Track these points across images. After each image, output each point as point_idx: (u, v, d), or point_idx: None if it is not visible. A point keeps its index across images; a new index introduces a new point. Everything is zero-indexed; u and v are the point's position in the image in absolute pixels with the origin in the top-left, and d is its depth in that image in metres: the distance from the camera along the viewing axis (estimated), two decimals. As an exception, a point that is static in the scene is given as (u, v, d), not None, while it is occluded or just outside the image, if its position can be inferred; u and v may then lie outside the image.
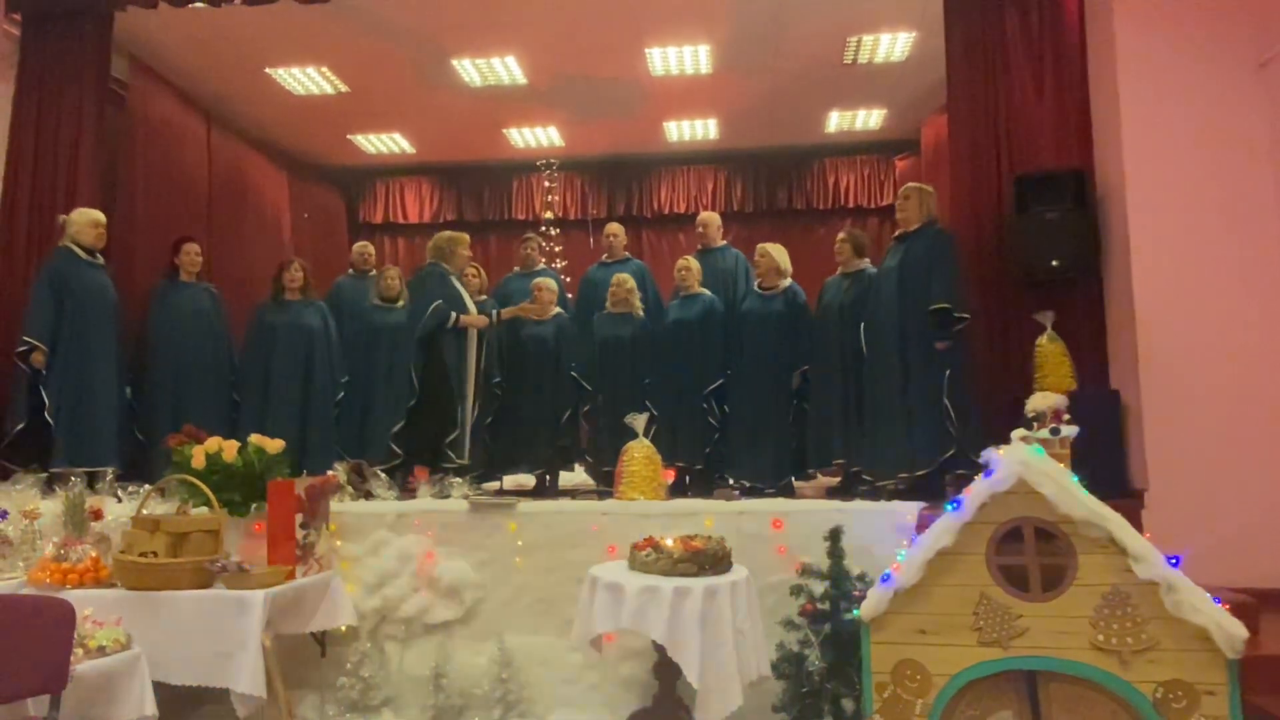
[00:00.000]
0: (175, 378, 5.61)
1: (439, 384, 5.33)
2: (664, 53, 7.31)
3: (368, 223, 10.62)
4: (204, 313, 5.81)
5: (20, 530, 4.05)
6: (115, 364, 5.32)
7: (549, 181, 10.18)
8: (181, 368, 5.62)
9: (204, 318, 5.80)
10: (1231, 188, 4.61)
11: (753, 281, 5.84)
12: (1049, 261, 4.87)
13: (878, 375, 4.94)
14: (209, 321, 5.83)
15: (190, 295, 5.79)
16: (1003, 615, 2.90)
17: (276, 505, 4.00)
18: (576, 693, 4.17)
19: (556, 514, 4.45)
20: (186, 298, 5.77)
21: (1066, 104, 5.22)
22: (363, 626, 4.26)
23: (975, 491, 2.98)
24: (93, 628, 3.15)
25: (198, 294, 5.84)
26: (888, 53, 7.33)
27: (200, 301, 5.82)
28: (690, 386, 5.60)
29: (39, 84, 5.97)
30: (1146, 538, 2.89)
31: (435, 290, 5.45)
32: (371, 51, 7.25)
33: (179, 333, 5.66)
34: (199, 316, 5.78)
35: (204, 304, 5.84)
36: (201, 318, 5.79)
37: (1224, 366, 4.48)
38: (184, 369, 5.63)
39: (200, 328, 5.75)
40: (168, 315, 5.70)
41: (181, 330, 5.68)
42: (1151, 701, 2.76)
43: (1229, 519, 4.23)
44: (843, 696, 3.63)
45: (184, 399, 5.56)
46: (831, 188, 9.98)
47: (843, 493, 5.09)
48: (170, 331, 5.66)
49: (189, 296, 5.78)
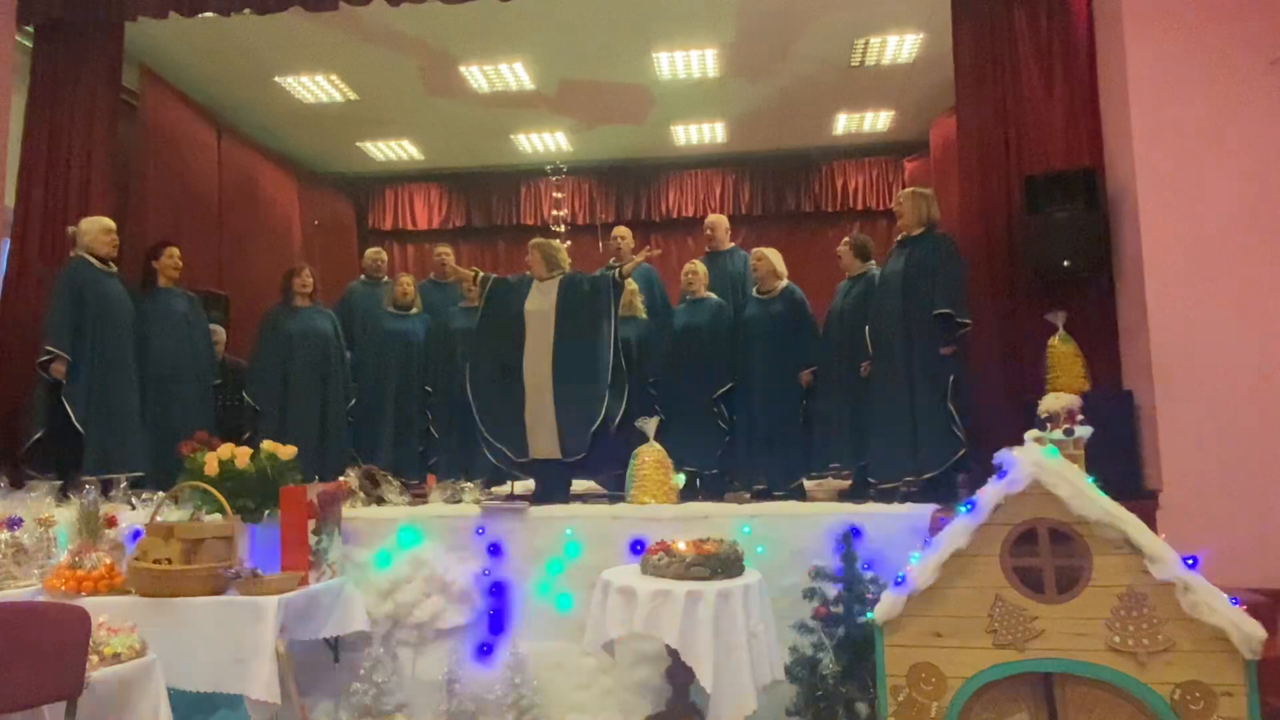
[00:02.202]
0: (158, 383, 5.45)
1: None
2: (671, 57, 7.33)
3: (377, 229, 10.67)
4: (183, 317, 5.66)
5: (35, 538, 4.06)
6: (135, 371, 5.32)
7: (557, 189, 10.20)
8: (164, 373, 5.48)
9: (183, 322, 5.64)
10: (1243, 185, 4.58)
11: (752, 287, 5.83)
12: (1060, 262, 4.85)
13: (883, 379, 4.93)
14: (188, 326, 5.67)
15: (168, 300, 5.63)
16: (1018, 617, 2.89)
17: (289, 511, 4.01)
18: (589, 697, 4.16)
19: (567, 519, 4.45)
20: (164, 303, 5.60)
21: (1076, 103, 5.19)
22: (375, 632, 4.26)
23: (989, 493, 2.96)
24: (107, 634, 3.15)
25: (176, 299, 5.69)
26: (895, 55, 7.33)
27: (179, 306, 5.67)
28: (699, 390, 5.60)
29: (51, 94, 6.01)
30: (1162, 539, 2.87)
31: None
32: (380, 59, 7.28)
33: (157, 338, 5.47)
34: (179, 321, 5.62)
35: (183, 308, 5.68)
36: (182, 322, 5.63)
37: (1238, 366, 4.45)
38: (166, 375, 5.49)
39: (181, 333, 5.59)
40: (146, 321, 5.47)
41: (160, 336, 5.49)
42: (1169, 703, 2.74)
43: (1244, 519, 4.19)
44: (857, 700, 3.63)
45: (167, 405, 5.44)
46: (840, 190, 9.98)
47: (855, 496, 5.08)
48: (150, 338, 5.46)
49: (167, 301, 5.62)
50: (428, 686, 4.21)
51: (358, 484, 4.78)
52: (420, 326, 6.41)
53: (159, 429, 5.28)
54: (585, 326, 4.92)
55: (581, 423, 4.79)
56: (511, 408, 4.93)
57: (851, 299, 5.39)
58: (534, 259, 5.21)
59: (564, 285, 5.05)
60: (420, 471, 6.01)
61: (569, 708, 4.15)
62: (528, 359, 4.96)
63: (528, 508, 4.49)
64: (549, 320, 4.97)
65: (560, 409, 4.84)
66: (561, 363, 4.88)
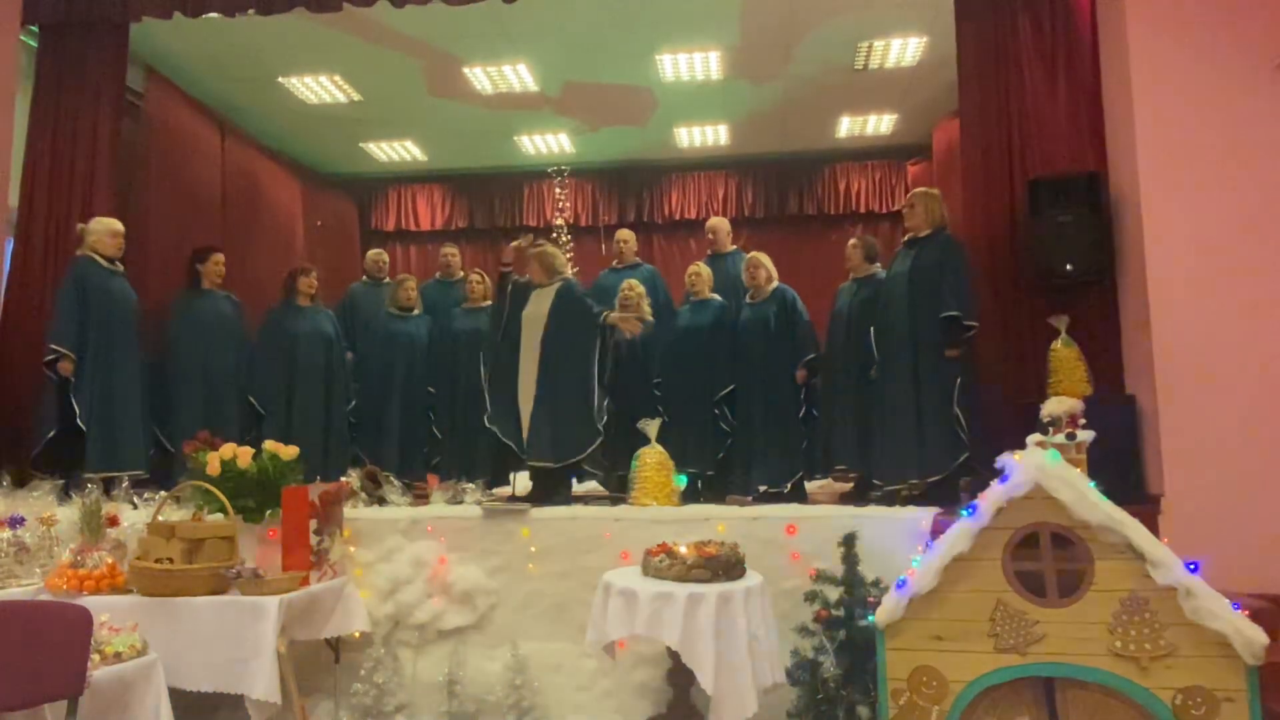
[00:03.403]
0: (202, 385, 5.66)
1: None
2: (675, 59, 7.33)
3: (380, 230, 10.67)
4: (227, 319, 5.90)
5: (37, 537, 4.07)
6: (139, 371, 5.38)
7: (560, 188, 10.20)
8: (207, 375, 5.69)
9: (227, 324, 5.89)
10: (1247, 189, 4.57)
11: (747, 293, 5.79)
12: (1063, 265, 4.84)
13: (888, 381, 4.92)
14: (231, 328, 5.92)
15: (213, 303, 5.87)
16: (1019, 621, 2.88)
17: (291, 511, 4.02)
18: (590, 699, 4.16)
19: (569, 520, 4.45)
20: (209, 306, 5.85)
21: (1080, 106, 5.19)
22: (376, 633, 4.26)
23: (991, 497, 2.96)
24: (109, 634, 3.17)
25: (220, 302, 5.92)
26: (899, 58, 7.33)
27: (223, 309, 5.91)
28: (701, 392, 5.60)
29: (55, 94, 6.01)
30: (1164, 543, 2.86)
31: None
32: (383, 60, 7.29)
33: (203, 341, 5.73)
34: (222, 323, 5.86)
35: (226, 311, 5.93)
36: (224, 324, 5.87)
37: (1241, 370, 4.44)
38: (208, 376, 5.69)
39: (223, 335, 5.83)
40: (192, 323, 5.76)
41: (205, 338, 5.74)
42: (1171, 708, 2.73)
43: (1247, 524, 4.18)
44: (858, 703, 3.62)
45: (210, 406, 5.62)
46: (843, 193, 9.96)
47: (856, 498, 5.07)
48: (194, 339, 5.72)
49: (212, 304, 5.86)
50: (428, 687, 4.22)
51: (359, 484, 4.78)
52: (422, 328, 6.42)
53: (199, 429, 5.22)
54: (571, 344, 4.96)
55: (558, 442, 4.83)
56: (515, 407, 4.99)
57: (858, 301, 5.38)
58: (533, 266, 5.25)
59: (560, 294, 5.08)
60: (422, 472, 6.02)
61: (569, 709, 4.15)
62: (522, 362, 5.03)
63: (529, 509, 4.49)
64: (540, 326, 5.02)
65: (541, 416, 4.89)
66: (546, 371, 4.94)
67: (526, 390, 4.96)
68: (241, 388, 5.86)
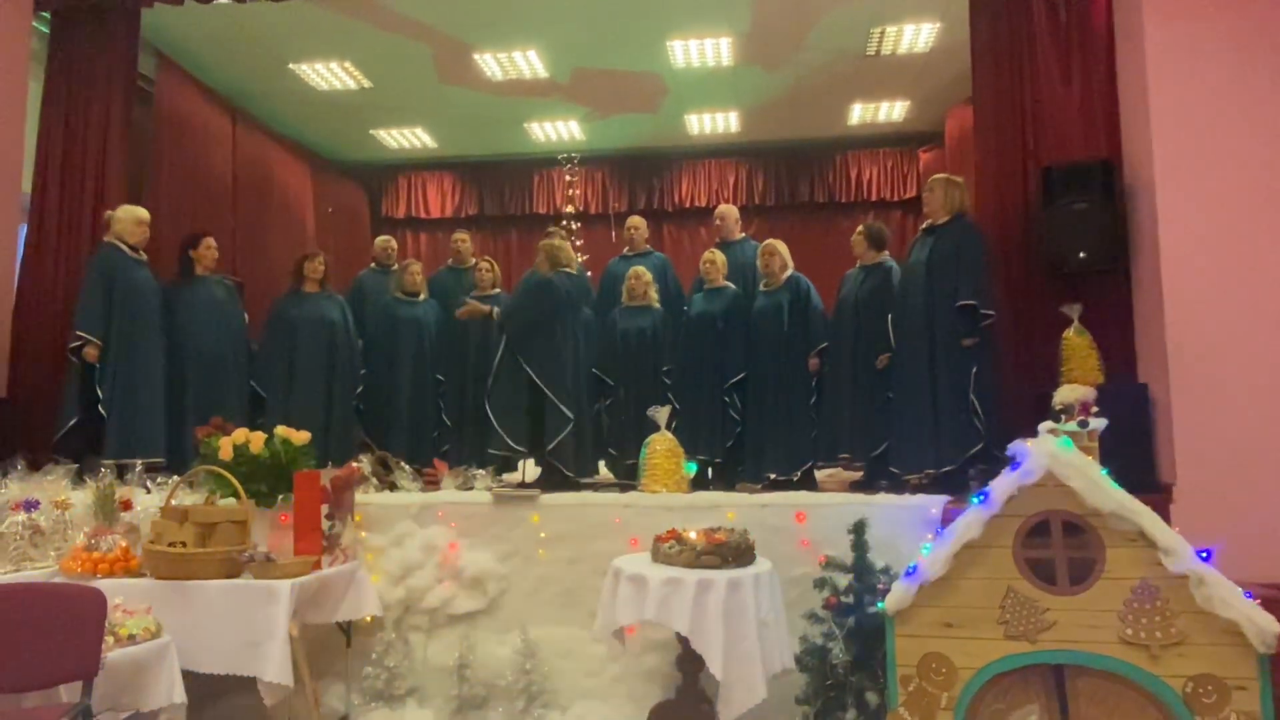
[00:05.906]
0: (197, 371, 5.55)
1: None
2: (686, 45, 7.30)
3: (390, 217, 10.69)
4: (221, 305, 5.74)
5: (52, 520, 4.10)
6: (161, 357, 5.36)
7: (570, 175, 10.19)
8: (202, 361, 5.56)
9: (221, 310, 5.73)
10: (1262, 177, 4.53)
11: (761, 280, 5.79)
12: (1076, 253, 4.82)
13: (904, 369, 4.90)
14: (226, 314, 5.76)
15: (206, 289, 5.71)
16: (1030, 609, 2.88)
17: (302, 496, 4.04)
18: (599, 684, 4.18)
19: (579, 506, 4.47)
20: (203, 291, 5.69)
21: (1094, 93, 5.14)
22: (387, 617, 4.29)
23: (1003, 484, 2.96)
24: (123, 616, 3.19)
25: (215, 287, 5.77)
26: (911, 44, 7.28)
27: (216, 294, 5.75)
28: (713, 379, 5.60)
29: (67, 81, 6.04)
30: (1175, 532, 2.86)
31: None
32: (394, 47, 7.29)
33: (197, 326, 5.57)
34: (216, 309, 5.70)
35: (220, 296, 5.77)
36: (219, 310, 5.71)
37: (1254, 359, 4.41)
38: (204, 362, 5.57)
39: (218, 320, 5.68)
40: (186, 310, 5.58)
41: (200, 324, 5.58)
42: (1181, 696, 2.73)
43: (1259, 513, 4.16)
44: (867, 689, 3.62)
45: (205, 392, 5.52)
46: (854, 180, 9.93)
47: (866, 486, 5.07)
48: (189, 326, 5.56)
49: (205, 290, 5.71)
50: (439, 671, 4.24)
51: (370, 470, 4.80)
52: (430, 313, 6.41)
53: (199, 416, 5.19)
54: (552, 329, 5.15)
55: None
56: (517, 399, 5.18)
57: (865, 289, 5.36)
58: (540, 258, 5.32)
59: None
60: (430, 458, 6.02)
61: (579, 694, 4.17)
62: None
63: (539, 495, 4.50)
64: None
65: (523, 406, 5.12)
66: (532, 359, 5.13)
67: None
68: (241, 373, 5.78)
